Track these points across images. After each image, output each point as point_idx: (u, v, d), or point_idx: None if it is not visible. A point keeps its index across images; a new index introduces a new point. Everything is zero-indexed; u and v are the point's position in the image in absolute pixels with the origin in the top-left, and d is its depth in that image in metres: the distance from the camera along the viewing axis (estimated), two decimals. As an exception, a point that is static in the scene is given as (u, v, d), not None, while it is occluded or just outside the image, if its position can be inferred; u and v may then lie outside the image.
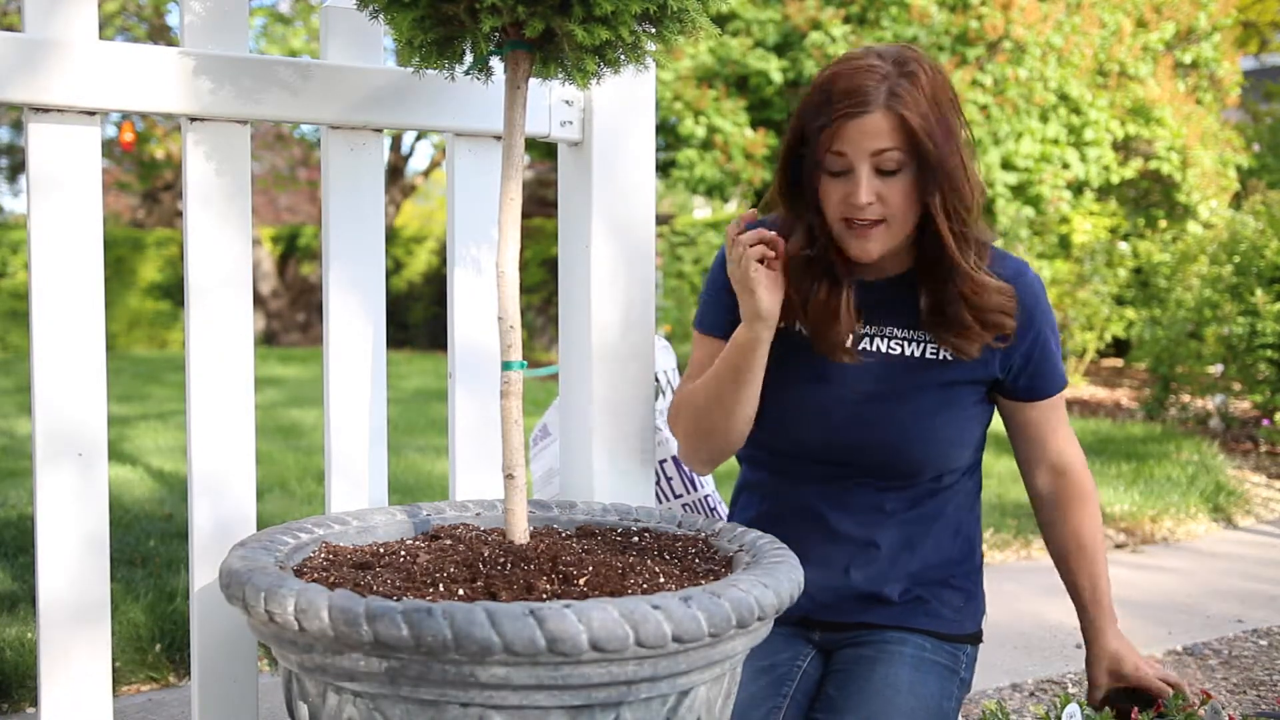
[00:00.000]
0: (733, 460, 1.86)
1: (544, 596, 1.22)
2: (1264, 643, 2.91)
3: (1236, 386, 6.40)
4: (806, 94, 1.61)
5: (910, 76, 1.54)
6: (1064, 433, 1.78)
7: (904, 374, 1.67)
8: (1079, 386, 8.64)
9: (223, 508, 1.60)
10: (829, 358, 1.67)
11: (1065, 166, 8.75)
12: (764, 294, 1.58)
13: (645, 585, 1.28)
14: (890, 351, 1.68)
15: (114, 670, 1.97)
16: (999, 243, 9.04)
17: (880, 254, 1.61)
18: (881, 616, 1.72)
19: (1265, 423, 5.90)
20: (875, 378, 1.67)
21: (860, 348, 1.68)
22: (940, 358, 1.67)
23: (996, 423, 1.79)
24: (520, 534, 1.43)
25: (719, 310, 1.75)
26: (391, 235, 14.58)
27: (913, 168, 1.55)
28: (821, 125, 1.55)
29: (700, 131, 8.69)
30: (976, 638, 1.79)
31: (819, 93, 1.58)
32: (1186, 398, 6.89)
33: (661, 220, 10.70)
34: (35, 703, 2.37)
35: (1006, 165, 8.58)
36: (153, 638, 2.66)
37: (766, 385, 1.69)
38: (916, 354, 1.68)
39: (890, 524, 1.71)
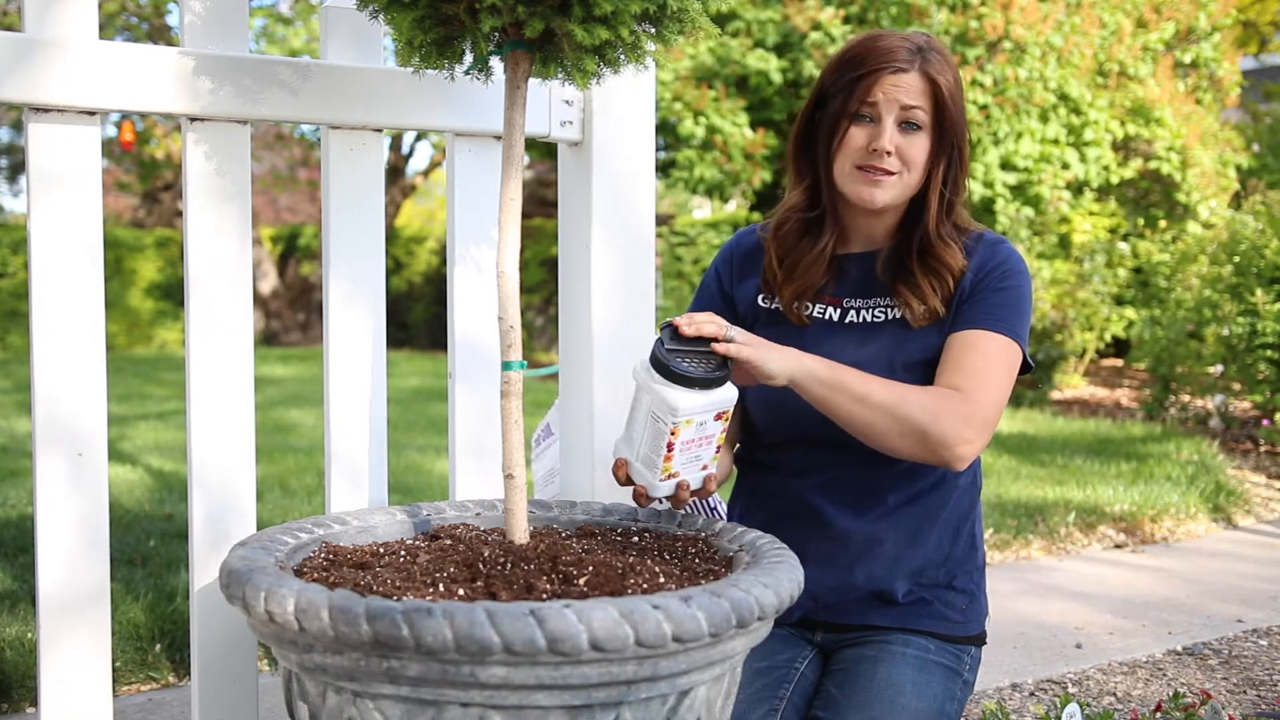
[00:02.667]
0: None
1: (544, 596, 1.22)
2: (1264, 643, 2.91)
3: (1236, 386, 6.40)
4: (830, 65, 1.72)
5: (939, 52, 1.69)
6: (973, 368, 1.61)
7: (888, 341, 1.70)
8: (1079, 386, 8.64)
9: (223, 508, 1.60)
10: (790, 318, 1.74)
11: (1065, 166, 8.75)
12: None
13: (645, 585, 1.28)
14: (874, 320, 1.72)
15: (114, 670, 1.97)
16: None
17: (885, 204, 1.68)
18: (885, 618, 1.72)
19: (1265, 423, 5.90)
20: (860, 345, 1.70)
21: (847, 320, 1.72)
22: (905, 319, 1.72)
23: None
24: (520, 534, 1.43)
25: (711, 306, 1.82)
26: (391, 235, 14.58)
27: (932, 130, 1.67)
28: (858, 76, 1.66)
29: (700, 132, 8.69)
30: (980, 639, 1.79)
31: (854, 52, 1.69)
32: (1186, 398, 6.89)
33: (661, 220, 10.70)
34: (35, 703, 2.37)
35: (1006, 165, 8.58)
36: (153, 638, 2.66)
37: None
38: (896, 316, 1.71)
39: (892, 518, 1.71)
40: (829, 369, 1.56)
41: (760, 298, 1.79)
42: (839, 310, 1.73)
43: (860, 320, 1.72)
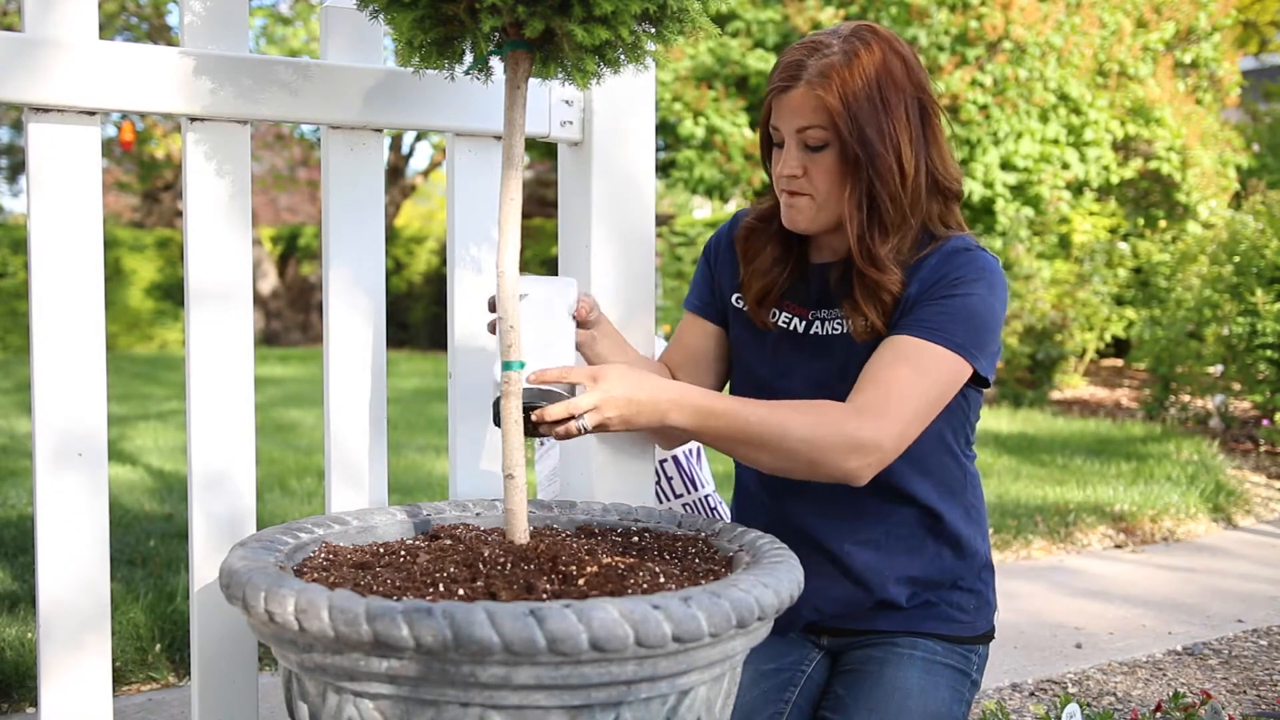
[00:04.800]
0: (731, 461, 1.85)
1: (544, 596, 1.22)
2: (1264, 643, 2.91)
3: (1236, 386, 6.41)
4: None
5: (850, 55, 1.54)
6: (883, 379, 1.52)
7: (839, 354, 1.65)
8: (1079, 386, 8.64)
9: (223, 508, 1.60)
10: (754, 322, 1.71)
11: (1065, 166, 8.75)
12: None
13: (645, 585, 1.27)
14: (834, 332, 1.67)
15: (114, 670, 1.97)
16: (998, 243, 9.05)
17: (807, 227, 1.63)
18: (892, 622, 1.70)
19: (1265, 423, 5.90)
20: (813, 358, 1.67)
21: (812, 331, 1.68)
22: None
23: (994, 425, 1.78)
24: (520, 534, 1.43)
25: (698, 290, 1.81)
26: (391, 235, 14.58)
27: (837, 148, 1.56)
28: (766, 98, 1.62)
29: (700, 132, 8.70)
30: (988, 636, 1.76)
31: (774, 67, 1.62)
32: (1186, 398, 6.89)
33: (661, 220, 10.69)
34: (35, 703, 2.37)
35: (1006, 165, 8.58)
36: (153, 638, 2.66)
37: (747, 379, 1.74)
38: (847, 330, 1.65)
39: (886, 531, 1.68)
40: (706, 413, 1.47)
41: (735, 296, 1.76)
42: (804, 321, 1.69)
43: (822, 332, 1.67)
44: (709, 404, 1.48)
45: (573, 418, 1.44)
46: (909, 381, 1.51)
